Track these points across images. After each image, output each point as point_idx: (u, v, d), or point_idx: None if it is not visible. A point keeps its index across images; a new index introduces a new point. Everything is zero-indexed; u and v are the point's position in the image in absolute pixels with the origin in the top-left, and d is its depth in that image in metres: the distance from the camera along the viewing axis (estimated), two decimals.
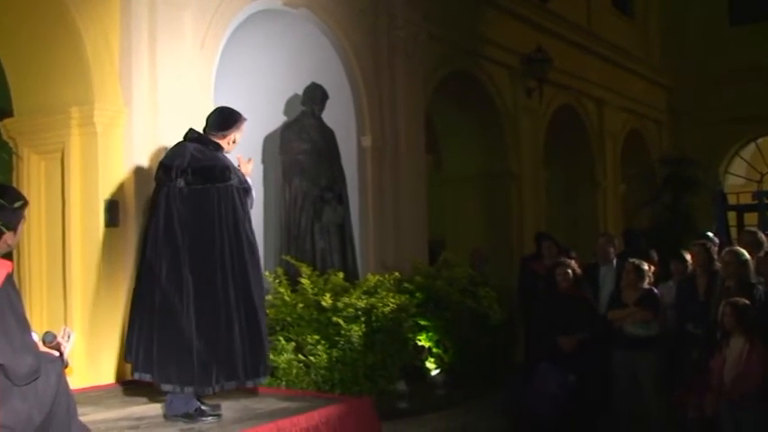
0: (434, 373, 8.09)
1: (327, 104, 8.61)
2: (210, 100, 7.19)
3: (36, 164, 6.98)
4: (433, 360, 8.09)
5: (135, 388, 6.01)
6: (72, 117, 6.74)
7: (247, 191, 5.49)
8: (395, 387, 7.18)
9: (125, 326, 6.59)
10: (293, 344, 6.77)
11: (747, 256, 6.88)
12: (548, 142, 13.80)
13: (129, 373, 6.47)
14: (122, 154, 6.78)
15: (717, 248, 7.89)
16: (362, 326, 6.86)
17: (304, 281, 7.12)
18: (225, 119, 5.61)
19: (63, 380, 3.79)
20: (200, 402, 5.24)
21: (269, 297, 7.28)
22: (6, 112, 7.26)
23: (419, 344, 7.96)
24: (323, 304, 6.88)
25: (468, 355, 8.21)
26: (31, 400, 3.59)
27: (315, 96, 8.53)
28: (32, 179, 6.95)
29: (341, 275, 7.38)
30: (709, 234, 9.19)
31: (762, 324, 6.26)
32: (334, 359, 6.69)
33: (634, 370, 7.36)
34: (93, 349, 6.60)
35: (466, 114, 12.75)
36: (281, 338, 6.82)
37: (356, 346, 6.79)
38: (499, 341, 8.69)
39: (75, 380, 5.63)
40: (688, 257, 8.14)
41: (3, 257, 3.73)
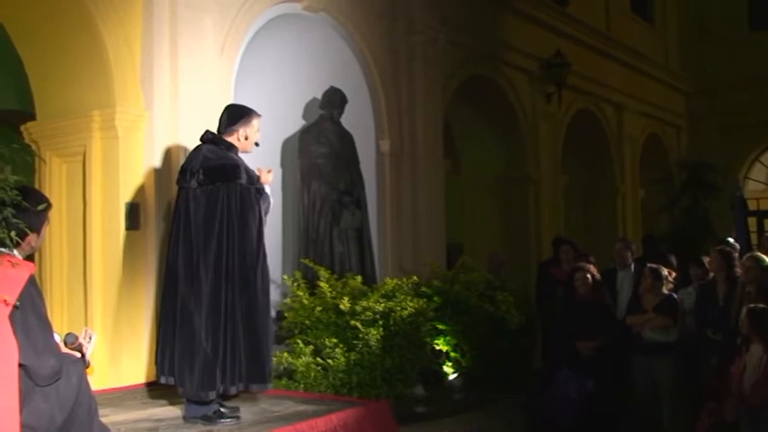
0: (452, 377, 8.08)
1: (346, 109, 8.62)
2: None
3: (58, 167, 7.05)
4: (450, 364, 8.08)
5: (155, 389, 6.04)
6: (94, 120, 6.79)
7: (260, 192, 5.41)
8: (412, 391, 7.18)
9: (145, 328, 6.68)
10: (311, 347, 6.79)
11: None
12: (566, 147, 13.76)
13: (148, 374, 6.53)
14: (143, 157, 6.82)
15: (737, 254, 7.85)
16: (380, 329, 6.86)
17: (322, 284, 7.13)
18: (231, 115, 5.59)
19: (84, 380, 3.82)
20: (219, 405, 5.26)
21: (287, 300, 7.32)
22: (29, 115, 7.33)
23: (437, 348, 7.96)
24: (341, 308, 6.89)
25: (486, 359, 8.20)
26: (53, 400, 3.61)
27: (334, 100, 8.54)
28: (54, 182, 7.01)
29: (359, 279, 7.39)
30: (730, 239, 9.14)
31: None
32: (351, 362, 6.70)
33: (653, 376, 7.34)
34: (114, 351, 6.64)
35: (484, 119, 12.74)
36: (299, 341, 6.84)
37: (374, 349, 6.79)
38: (517, 346, 8.67)
39: (96, 381, 5.66)
40: (707, 262, 8.10)
41: (26, 259, 3.77)
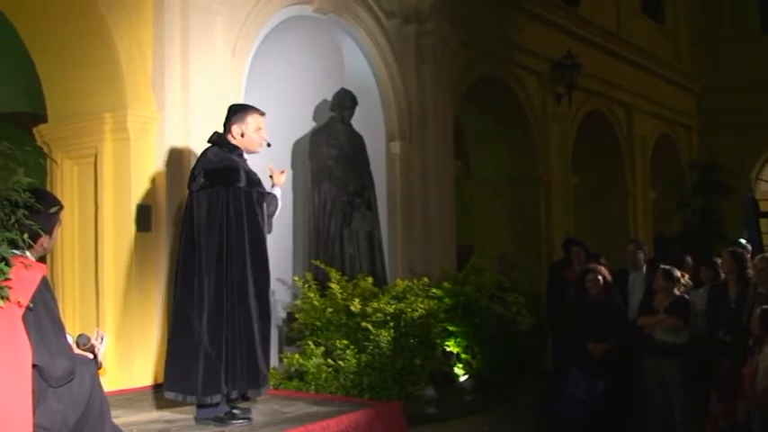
0: (463, 378, 8.08)
1: (356, 110, 8.63)
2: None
3: (69, 169, 7.08)
4: (461, 366, 8.08)
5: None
6: (105, 123, 6.82)
7: (263, 194, 5.36)
8: (423, 392, 7.18)
9: (156, 329, 6.71)
10: (322, 348, 6.80)
11: None
12: (577, 148, 13.74)
13: (160, 376, 6.55)
14: (155, 159, 6.85)
15: (749, 255, 7.83)
16: (391, 331, 6.86)
17: (333, 286, 7.13)
18: (228, 114, 5.55)
19: (97, 381, 3.84)
20: (230, 406, 5.28)
21: (298, 301, 7.33)
22: (41, 117, 7.37)
23: (447, 349, 7.96)
24: (352, 309, 6.90)
25: (497, 360, 8.19)
26: (66, 401, 3.64)
27: (344, 102, 8.56)
28: (66, 184, 7.05)
29: (370, 280, 7.40)
30: (741, 240, 9.12)
31: None
32: (362, 364, 6.70)
33: (663, 377, 7.32)
34: (125, 352, 6.67)
35: (495, 120, 12.74)
36: (310, 343, 6.85)
37: (385, 350, 6.80)
38: (527, 347, 8.67)
39: (108, 382, 5.69)
40: (719, 264, 8.08)
41: (38, 260, 3.79)
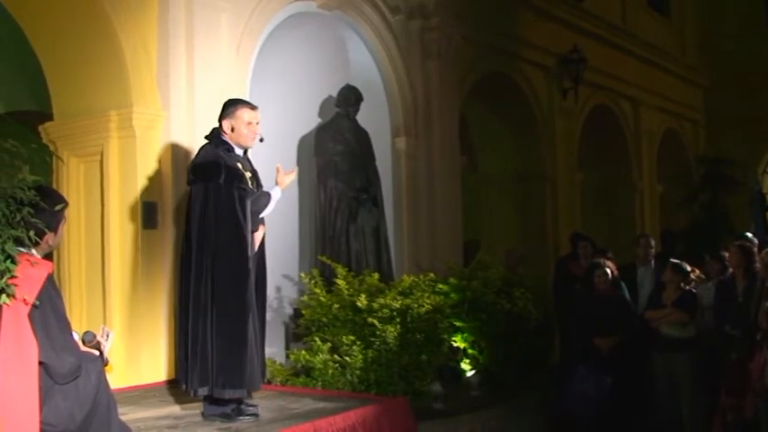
0: (470, 374, 8.07)
1: (362, 106, 8.63)
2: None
3: (75, 166, 7.09)
4: (468, 361, 8.08)
5: (174, 388, 6.08)
6: (111, 121, 6.84)
7: (245, 190, 5.24)
8: (430, 388, 7.17)
9: (163, 326, 6.72)
10: (329, 344, 6.80)
11: None
12: (583, 143, 13.71)
13: (168, 372, 6.58)
14: (160, 157, 6.87)
15: (756, 249, 7.80)
16: (398, 326, 6.86)
17: (339, 282, 7.14)
18: (222, 108, 5.50)
19: (103, 378, 3.85)
20: (237, 402, 5.28)
21: (304, 298, 7.33)
22: (47, 115, 7.38)
23: (454, 345, 7.95)
24: (358, 305, 6.89)
25: (504, 356, 8.19)
26: (73, 398, 3.65)
27: (349, 98, 8.55)
28: (72, 182, 7.06)
29: (376, 276, 7.39)
30: (748, 234, 9.08)
31: None
32: (369, 360, 6.69)
33: (671, 371, 7.31)
34: (132, 349, 6.68)
35: (501, 115, 12.72)
36: (316, 339, 6.85)
37: (391, 346, 6.79)
38: (535, 342, 8.65)
39: (115, 380, 5.70)
40: (726, 258, 8.06)
41: (44, 258, 3.80)
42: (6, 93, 9.00)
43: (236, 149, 5.40)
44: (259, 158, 5.73)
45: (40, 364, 3.49)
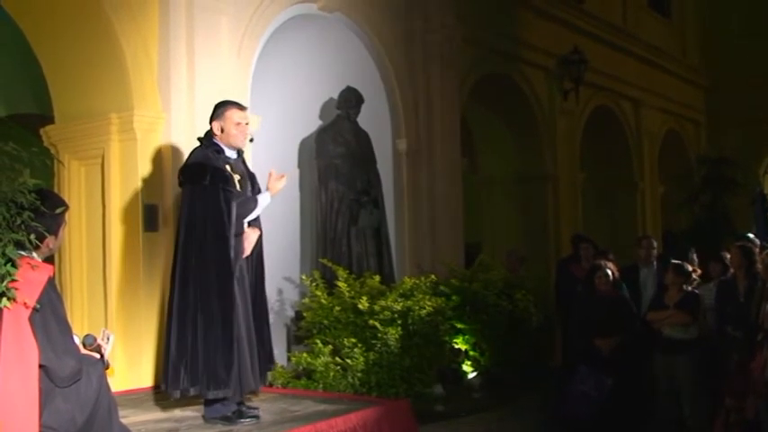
0: (471, 376, 8.08)
1: (363, 108, 8.64)
2: (247, 105, 7.25)
3: (76, 169, 7.10)
4: (469, 363, 8.08)
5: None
6: (112, 123, 6.85)
7: (231, 193, 5.20)
8: (431, 390, 7.18)
9: (164, 329, 6.72)
10: (330, 347, 6.81)
11: None
12: (584, 144, 13.70)
13: None
14: (161, 159, 6.87)
15: (757, 250, 7.79)
16: (399, 329, 6.87)
17: (341, 284, 7.14)
18: (212, 111, 5.53)
19: (104, 381, 3.85)
20: (238, 405, 5.28)
21: (305, 300, 7.34)
22: (48, 118, 7.39)
23: (455, 347, 7.96)
24: (359, 307, 6.90)
25: (505, 357, 8.19)
26: (74, 401, 3.65)
27: (350, 100, 8.56)
28: (73, 184, 7.07)
29: (377, 279, 7.40)
30: (749, 235, 9.08)
31: None
32: (370, 362, 6.71)
33: (673, 373, 7.30)
34: (133, 352, 6.68)
35: (502, 117, 12.72)
36: (318, 341, 6.86)
37: (393, 348, 6.80)
38: (536, 344, 8.66)
39: (116, 383, 5.71)
40: (728, 257, 8.06)
41: (44, 261, 3.80)
42: (7, 96, 9.02)
43: (227, 151, 5.40)
44: (260, 160, 5.74)
45: (40, 367, 3.49)
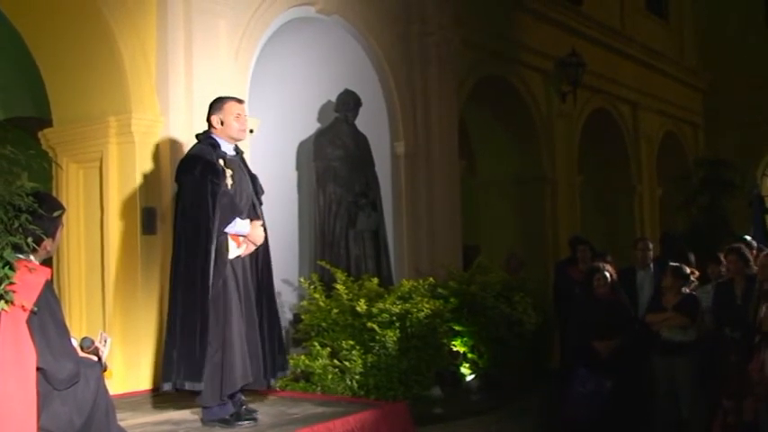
0: (469, 378, 8.08)
1: (361, 111, 8.65)
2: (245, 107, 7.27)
3: (75, 172, 7.10)
4: (467, 365, 8.08)
5: (173, 393, 6.05)
6: (110, 126, 6.85)
7: (218, 185, 5.14)
8: (430, 392, 7.18)
9: (163, 332, 6.72)
10: (328, 349, 6.80)
11: None
12: (582, 146, 13.71)
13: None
14: (159, 162, 6.87)
15: (755, 252, 7.80)
16: (397, 331, 6.87)
17: (339, 286, 7.14)
18: (208, 108, 5.53)
19: (102, 384, 3.86)
20: (236, 407, 5.28)
21: (304, 302, 7.34)
22: (46, 122, 7.39)
23: (454, 349, 7.96)
24: (357, 310, 6.90)
25: (503, 360, 8.19)
26: (71, 403, 3.66)
27: (348, 103, 8.57)
28: (71, 187, 7.07)
29: (375, 281, 7.40)
30: (747, 237, 9.09)
31: None
32: (368, 364, 6.71)
33: (671, 375, 7.31)
34: (131, 355, 6.68)
35: (500, 119, 12.73)
36: (316, 344, 6.85)
37: (391, 351, 6.80)
38: (534, 346, 8.66)
39: (114, 386, 5.71)
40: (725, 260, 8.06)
41: (42, 264, 3.81)
42: (5, 99, 9.02)
43: (224, 146, 5.39)
44: (258, 163, 5.74)
45: (38, 370, 3.50)
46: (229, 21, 7.29)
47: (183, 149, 6.80)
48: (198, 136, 5.49)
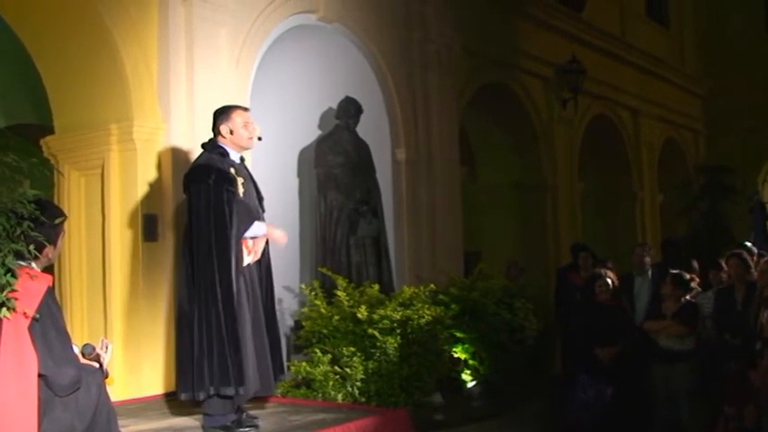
0: (470, 384, 8.08)
1: (362, 118, 8.66)
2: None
3: (76, 180, 7.12)
4: (468, 372, 8.08)
5: (174, 400, 6.07)
6: (112, 134, 6.87)
7: (233, 193, 5.20)
8: (431, 399, 7.18)
9: (164, 339, 6.73)
10: (329, 356, 6.80)
11: None
12: (583, 153, 13.73)
13: (168, 385, 6.58)
14: (161, 169, 6.89)
15: (755, 258, 7.80)
16: (398, 338, 6.87)
17: (340, 293, 7.15)
18: (214, 117, 5.53)
19: (103, 390, 3.86)
20: (238, 414, 5.28)
21: (305, 309, 7.34)
22: (48, 129, 7.41)
23: (455, 356, 7.96)
24: (359, 316, 6.91)
25: (505, 366, 8.19)
26: (73, 410, 3.66)
27: (349, 110, 8.59)
28: (73, 195, 7.09)
29: (376, 288, 7.40)
30: (747, 243, 9.09)
31: None
32: (369, 371, 6.71)
33: (670, 382, 7.30)
34: (133, 362, 6.69)
35: (500, 126, 12.75)
36: (317, 350, 6.86)
37: (392, 357, 6.80)
38: (535, 353, 8.66)
39: (116, 393, 5.72)
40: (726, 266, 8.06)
41: (44, 271, 3.82)
42: (7, 106, 9.04)
43: (232, 154, 5.41)
44: (259, 170, 5.75)
45: (40, 376, 3.51)
46: (230, 29, 7.31)
47: (184, 157, 6.83)
48: (204, 145, 5.49)
